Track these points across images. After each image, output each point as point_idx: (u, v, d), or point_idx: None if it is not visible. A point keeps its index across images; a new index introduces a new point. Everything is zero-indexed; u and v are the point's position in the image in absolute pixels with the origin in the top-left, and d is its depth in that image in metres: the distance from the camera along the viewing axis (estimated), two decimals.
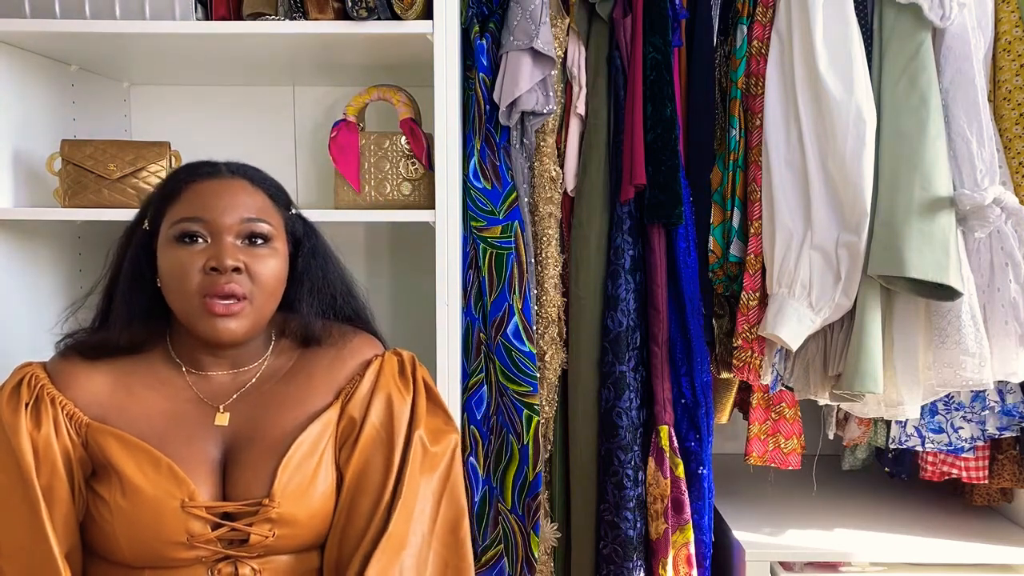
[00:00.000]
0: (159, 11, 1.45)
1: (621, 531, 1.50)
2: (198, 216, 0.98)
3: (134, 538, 0.95)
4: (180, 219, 0.98)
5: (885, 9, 1.39)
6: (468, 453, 1.52)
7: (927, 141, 1.32)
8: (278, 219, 1.05)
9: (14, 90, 1.56)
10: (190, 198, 1.00)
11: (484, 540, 1.53)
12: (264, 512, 0.97)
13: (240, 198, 1.00)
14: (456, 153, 1.47)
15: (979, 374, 1.32)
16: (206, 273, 0.97)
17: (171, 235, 0.99)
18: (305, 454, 1.00)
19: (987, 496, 1.69)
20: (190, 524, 0.95)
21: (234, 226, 0.98)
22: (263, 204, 1.03)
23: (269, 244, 1.01)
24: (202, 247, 0.98)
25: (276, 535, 0.97)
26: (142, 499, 0.94)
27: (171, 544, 0.94)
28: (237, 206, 0.99)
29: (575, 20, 1.55)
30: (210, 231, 0.98)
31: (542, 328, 1.55)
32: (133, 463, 0.96)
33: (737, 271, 1.55)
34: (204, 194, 0.99)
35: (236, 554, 0.97)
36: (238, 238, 0.99)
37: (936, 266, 1.28)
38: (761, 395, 1.62)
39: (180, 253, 0.98)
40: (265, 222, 1.01)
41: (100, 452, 0.97)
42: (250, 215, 1.00)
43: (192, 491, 0.95)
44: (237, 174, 1.04)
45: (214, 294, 0.96)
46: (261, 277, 0.99)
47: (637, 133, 1.49)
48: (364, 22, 1.43)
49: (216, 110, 1.95)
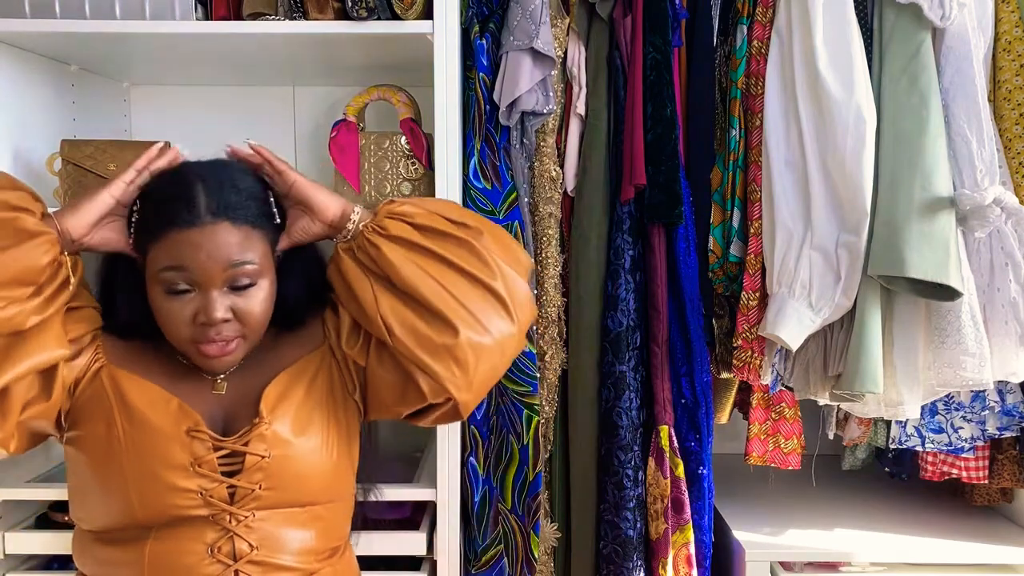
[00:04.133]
0: (159, 11, 1.45)
1: (621, 531, 1.50)
2: (181, 266, 0.96)
3: (141, 468, 0.97)
4: (163, 268, 0.97)
5: (885, 9, 1.39)
6: (468, 453, 1.52)
7: (927, 141, 1.32)
8: (263, 246, 1.02)
9: (14, 90, 1.56)
10: (171, 247, 0.96)
11: (484, 540, 1.53)
12: (257, 429, 1.00)
13: (222, 245, 0.97)
14: (456, 153, 1.47)
15: (979, 374, 1.32)
16: (195, 324, 0.98)
17: (157, 280, 0.98)
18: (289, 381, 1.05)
19: (987, 496, 1.69)
20: (194, 447, 0.98)
21: (219, 276, 0.97)
22: (246, 240, 0.99)
23: (257, 281, 1.00)
24: (189, 298, 0.97)
25: (272, 455, 1.00)
26: (151, 428, 0.99)
27: (177, 469, 0.97)
28: (220, 255, 0.96)
29: (575, 20, 1.55)
30: (195, 282, 0.97)
31: (542, 328, 1.55)
32: (146, 398, 1.00)
33: (737, 271, 1.55)
34: (185, 245, 0.96)
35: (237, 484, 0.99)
36: (224, 285, 0.98)
37: (936, 266, 1.28)
38: (761, 395, 1.62)
39: (168, 303, 0.98)
40: (250, 263, 0.99)
41: (113, 389, 1.01)
42: (234, 260, 0.97)
43: (198, 419, 1.00)
44: (219, 215, 0.97)
45: (206, 341, 0.98)
46: (251, 316, 1.00)
47: (637, 133, 1.49)
48: (364, 22, 1.43)
49: (216, 110, 1.95)
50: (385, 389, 1.07)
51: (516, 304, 1.05)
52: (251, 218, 1.00)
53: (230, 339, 0.99)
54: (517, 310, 1.05)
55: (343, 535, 1.14)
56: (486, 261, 1.04)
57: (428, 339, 1.00)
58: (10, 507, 1.51)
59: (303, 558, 1.04)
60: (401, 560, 1.51)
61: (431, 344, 1.00)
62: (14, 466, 1.56)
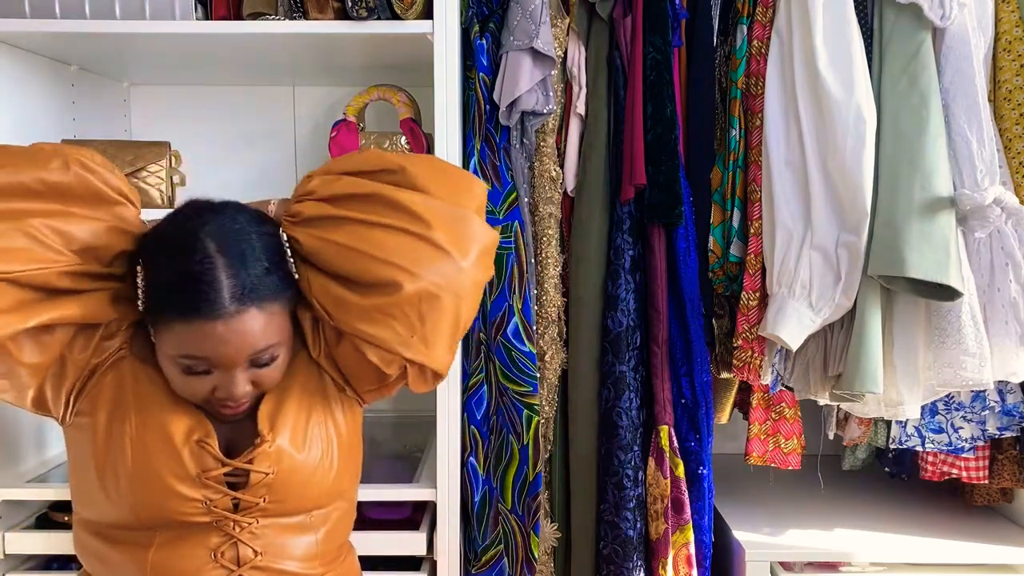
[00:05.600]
0: (159, 11, 1.45)
1: (621, 531, 1.50)
2: (205, 359, 0.92)
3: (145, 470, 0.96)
4: (184, 355, 0.92)
5: (885, 9, 1.39)
6: (468, 453, 1.52)
7: (927, 141, 1.32)
8: (286, 317, 0.98)
9: (14, 90, 1.57)
10: (190, 338, 0.90)
11: (484, 540, 1.53)
12: (260, 448, 0.98)
13: (248, 335, 0.91)
14: (456, 153, 1.47)
15: (979, 374, 1.32)
16: (213, 396, 0.96)
17: (170, 359, 0.94)
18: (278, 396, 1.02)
19: (987, 496, 1.69)
20: (204, 458, 0.97)
21: (243, 362, 0.94)
22: (272, 319, 0.94)
23: (280, 353, 0.98)
24: (208, 377, 0.95)
25: (276, 471, 0.99)
26: (163, 430, 0.97)
27: (183, 479, 0.96)
28: (245, 345, 0.92)
29: (575, 20, 1.55)
30: (215, 367, 0.94)
31: (542, 328, 1.55)
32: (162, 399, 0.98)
33: (737, 271, 1.55)
34: (208, 337, 0.90)
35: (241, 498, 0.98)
36: (246, 367, 0.96)
37: (936, 266, 1.28)
38: (761, 395, 1.62)
39: (183, 380, 0.95)
40: (272, 345, 0.95)
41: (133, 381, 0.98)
42: (260, 346, 0.93)
43: (210, 430, 0.98)
44: (245, 302, 0.90)
45: (223, 409, 0.98)
46: (271, 381, 0.99)
47: (637, 133, 1.49)
48: (364, 22, 1.43)
49: (216, 110, 1.95)
50: (361, 371, 1.04)
51: (453, 236, 0.96)
52: (276, 294, 0.94)
53: (247, 402, 0.99)
54: (455, 243, 0.96)
55: (347, 535, 1.14)
56: (400, 205, 0.95)
57: (360, 307, 0.95)
58: (10, 507, 1.51)
59: (307, 564, 1.03)
60: (401, 560, 1.51)
61: (363, 311, 0.95)
62: (14, 466, 1.56)
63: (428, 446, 1.69)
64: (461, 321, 0.99)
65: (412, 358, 0.97)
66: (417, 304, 0.94)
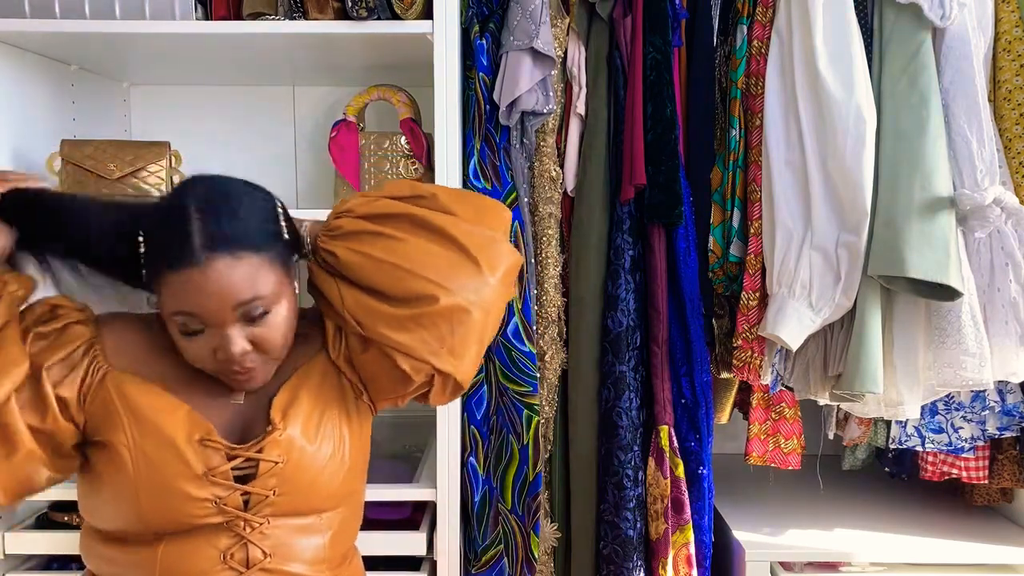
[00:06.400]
0: (159, 11, 1.45)
1: (621, 531, 1.50)
2: (191, 312, 0.93)
3: (153, 479, 0.96)
4: (175, 312, 0.94)
5: (885, 9, 1.39)
6: (468, 453, 1.52)
7: (927, 141, 1.32)
8: (272, 267, 0.97)
9: (14, 90, 1.57)
10: (174, 291, 0.93)
11: (484, 540, 1.53)
12: (270, 437, 0.99)
13: (225, 284, 0.92)
14: (456, 153, 1.47)
15: (979, 374, 1.32)
16: (217, 359, 0.96)
17: (170, 320, 0.96)
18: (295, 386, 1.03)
19: (987, 496, 1.69)
20: (208, 455, 0.97)
21: (230, 315, 0.94)
22: (251, 271, 0.94)
23: (272, 308, 0.97)
24: (205, 337, 0.95)
25: (287, 461, 0.99)
26: (162, 436, 0.96)
27: (190, 479, 0.96)
28: (225, 296, 0.92)
29: (575, 20, 1.55)
30: (208, 324, 0.94)
31: (542, 328, 1.55)
32: (153, 405, 0.98)
33: (737, 271, 1.55)
34: (188, 288, 0.92)
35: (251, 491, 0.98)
36: (237, 322, 0.95)
37: (936, 266, 1.28)
38: (761, 395, 1.62)
39: (185, 343, 0.96)
40: (259, 296, 0.94)
41: (119, 396, 0.98)
42: (242, 298, 0.93)
43: (209, 428, 0.98)
44: (216, 250, 0.92)
45: (230, 373, 0.97)
46: (271, 343, 0.98)
47: (637, 133, 1.49)
48: (364, 22, 1.43)
49: (216, 110, 1.95)
50: (382, 378, 1.06)
51: (484, 255, 1.01)
52: (253, 245, 0.94)
53: (254, 367, 0.98)
54: (485, 261, 1.01)
55: (352, 540, 1.14)
56: (435, 225, 1.01)
57: (393, 317, 0.99)
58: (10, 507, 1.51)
59: (315, 567, 1.03)
60: (401, 560, 1.51)
61: (396, 321, 0.99)
62: None
63: (428, 446, 1.69)
64: (486, 336, 1.04)
65: (441, 368, 1.00)
66: (449, 317, 0.99)
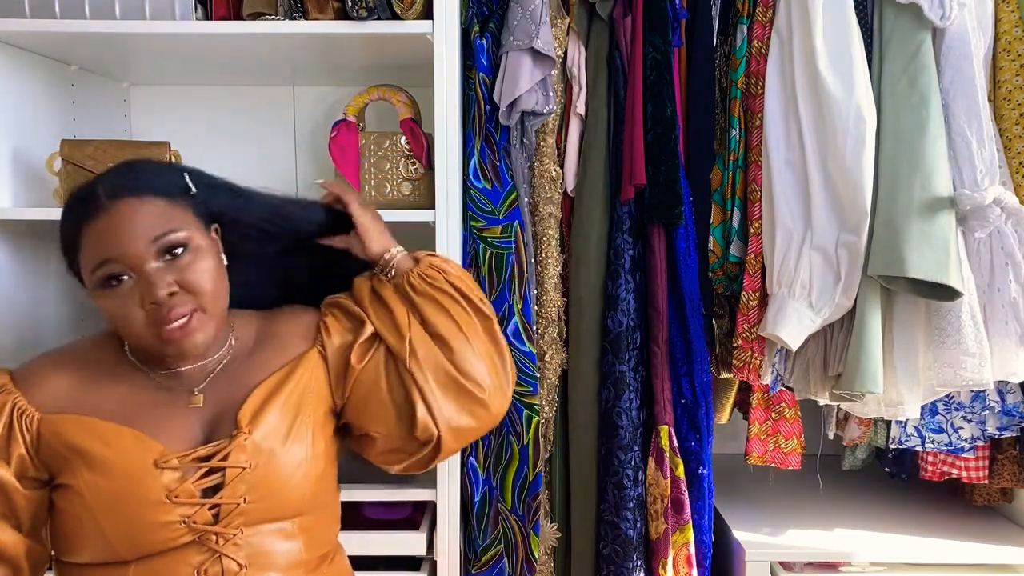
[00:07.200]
0: (159, 11, 1.45)
1: (621, 531, 1.50)
2: (107, 258, 0.93)
3: (115, 514, 0.94)
4: (94, 267, 0.94)
5: (885, 9, 1.39)
6: (468, 453, 1.52)
7: (927, 141, 1.32)
8: (184, 214, 0.98)
9: (14, 90, 1.57)
10: (90, 244, 0.94)
11: (484, 540, 1.53)
12: (236, 441, 0.98)
13: (136, 222, 0.94)
14: (456, 153, 1.47)
15: (979, 374, 1.32)
16: (145, 308, 0.94)
17: (95, 283, 0.95)
18: (271, 389, 1.03)
19: (987, 496, 1.69)
20: (165, 478, 0.95)
21: (147, 252, 0.94)
22: (159, 210, 0.96)
23: (190, 247, 0.97)
24: (129, 285, 0.94)
25: (254, 466, 0.98)
26: (112, 469, 0.95)
27: (152, 506, 0.94)
28: (137, 231, 0.94)
29: (575, 20, 1.55)
30: (128, 267, 0.94)
31: (542, 328, 1.55)
32: (95, 439, 0.97)
33: (737, 271, 1.55)
34: (101, 234, 0.94)
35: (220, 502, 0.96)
36: (157, 260, 0.95)
37: (936, 266, 1.28)
38: (761, 395, 1.62)
39: (111, 300, 0.95)
40: (173, 230, 0.96)
41: (58, 441, 0.97)
42: (155, 232, 0.94)
43: (161, 449, 0.96)
44: (118, 195, 0.95)
45: (164, 323, 0.94)
46: (199, 285, 0.97)
47: (637, 133, 1.49)
48: (364, 22, 1.43)
49: (216, 110, 1.95)
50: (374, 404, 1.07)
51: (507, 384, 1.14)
52: (156, 189, 0.97)
53: (186, 314, 0.95)
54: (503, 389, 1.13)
55: (331, 541, 1.12)
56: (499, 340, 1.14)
57: (448, 374, 1.07)
58: None
59: (293, 572, 1.02)
60: (401, 560, 1.51)
61: (449, 378, 1.07)
62: None
63: None
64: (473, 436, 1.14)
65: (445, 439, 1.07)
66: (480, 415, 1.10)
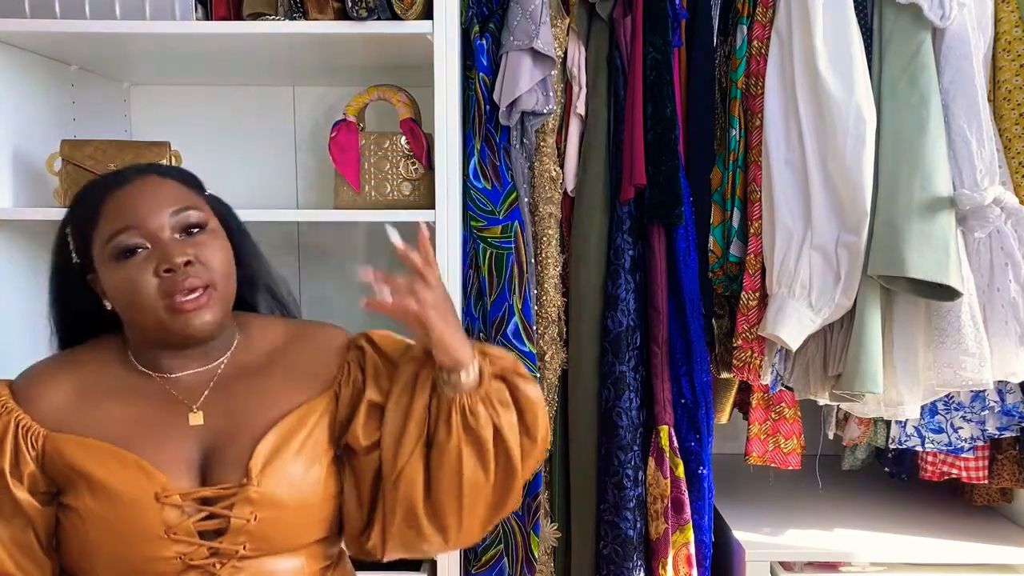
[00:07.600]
0: (159, 11, 1.45)
1: (621, 531, 1.50)
2: (128, 225, 0.94)
3: (112, 542, 0.92)
4: (112, 235, 0.94)
5: (885, 9, 1.39)
6: None
7: (927, 141, 1.32)
8: (202, 202, 1.02)
9: (14, 90, 1.57)
10: (112, 212, 0.95)
11: (484, 540, 1.53)
12: (243, 492, 0.94)
13: (159, 193, 0.97)
14: (456, 153, 1.47)
15: (979, 374, 1.32)
16: (160, 277, 0.93)
17: (109, 255, 0.94)
18: (284, 436, 0.98)
19: (987, 496, 1.69)
20: (166, 514, 0.92)
21: (167, 223, 0.96)
22: (181, 191, 1.00)
23: (206, 229, 0.99)
24: (145, 255, 0.94)
25: (259, 518, 0.94)
26: (113, 497, 0.92)
27: (150, 540, 0.92)
28: (160, 202, 0.96)
29: (575, 20, 1.55)
30: (146, 236, 0.94)
31: (542, 328, 1.55)
32: (98, 464, 0.93)
33: (737, 271, 1.55)
34: (124, 202, 0.96)
35: (220, 547, 0.93)
36: (176, 232, 0.96)
37: (936, 266, 1.28)
38: (761, 395, 1.62)
39: (126, 269, 0.94)
40: (193, 208, 0.98)
41: (62, 461, 0.94)
42: (176, 206, 0.97)
43: (164, 482, 0.93)
44: (146, 173, 1.00)
45: (177, 292, 0.93)
46: (213, 262, 0.97)
47: (637, 133, 1.49)
48: (364, 22, 1.43)
49: (216, 110, 1.95)
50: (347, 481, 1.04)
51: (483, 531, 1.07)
52: (181, 176, 1.03)
53: (200, 288, 0.94)
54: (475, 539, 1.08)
55: (333, 552, 1.08)
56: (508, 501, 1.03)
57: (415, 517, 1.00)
58: None
59: None
60: (401, 560, 1.51)
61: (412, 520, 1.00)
62: None
63: None
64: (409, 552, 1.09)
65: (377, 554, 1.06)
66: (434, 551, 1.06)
